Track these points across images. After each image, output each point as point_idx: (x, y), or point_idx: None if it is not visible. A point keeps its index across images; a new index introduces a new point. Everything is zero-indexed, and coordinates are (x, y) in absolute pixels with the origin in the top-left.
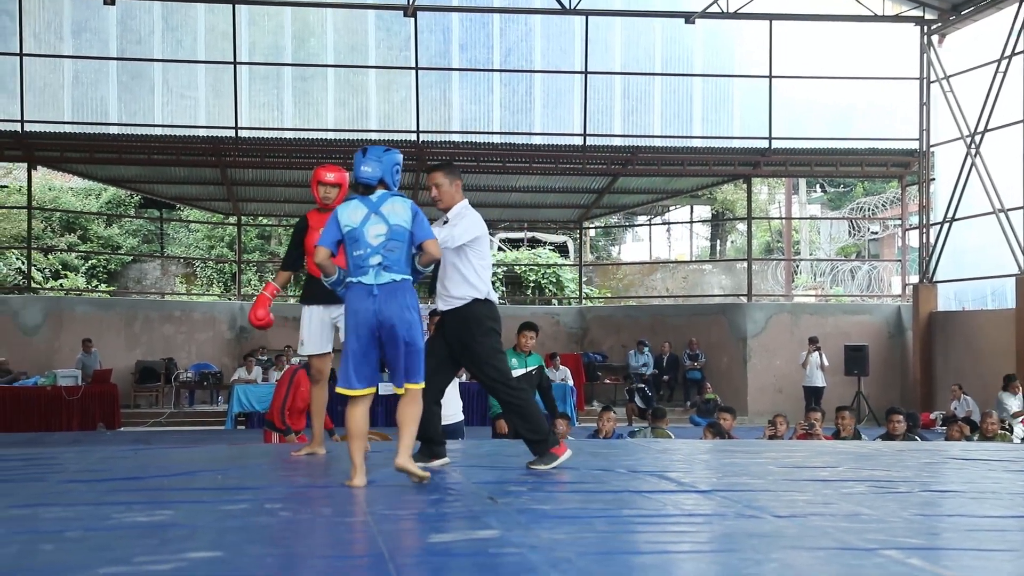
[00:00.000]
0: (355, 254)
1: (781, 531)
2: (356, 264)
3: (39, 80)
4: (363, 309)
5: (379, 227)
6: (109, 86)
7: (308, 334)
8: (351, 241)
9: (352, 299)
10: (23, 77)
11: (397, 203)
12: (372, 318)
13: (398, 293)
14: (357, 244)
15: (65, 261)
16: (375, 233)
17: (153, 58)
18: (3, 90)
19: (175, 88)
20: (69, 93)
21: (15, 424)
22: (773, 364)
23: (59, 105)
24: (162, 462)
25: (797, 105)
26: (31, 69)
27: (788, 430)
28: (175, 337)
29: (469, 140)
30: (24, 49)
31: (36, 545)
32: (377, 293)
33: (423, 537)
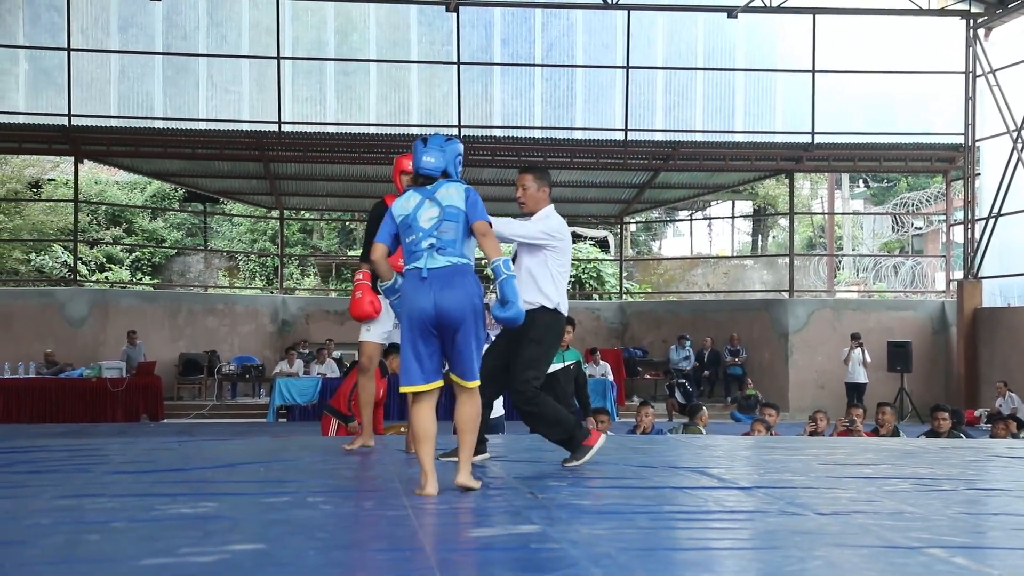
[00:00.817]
0: (408, 240)
1: (824, 528)
2: (409, 251)
3: (86, 75)
4: (415, 295)
5: (432, 211)
6: (155, 81)
7: (372, 322)
8: (404, 229)
9: (405, 286)
10: (71, 72)
11: (451, 187)
12: (425, 303)
13: (454, 277)
14: (410, 230)
15: (110, 254)
16: (427, 216)
17: (198, 53)
18: (51, 84)
19: (219, 83)
20: (115, 88)
21: (61, 415)
22: (815, 360)
23: (106, 99)
24: (205, 454)
25: (840, 99)
26: (78, 64)
27: (828, 426)
28: (218, 330)
29: (510, 135)
30: (72, 44)
31: (82, 536)
32: (427, 276)
33: (464, 531)
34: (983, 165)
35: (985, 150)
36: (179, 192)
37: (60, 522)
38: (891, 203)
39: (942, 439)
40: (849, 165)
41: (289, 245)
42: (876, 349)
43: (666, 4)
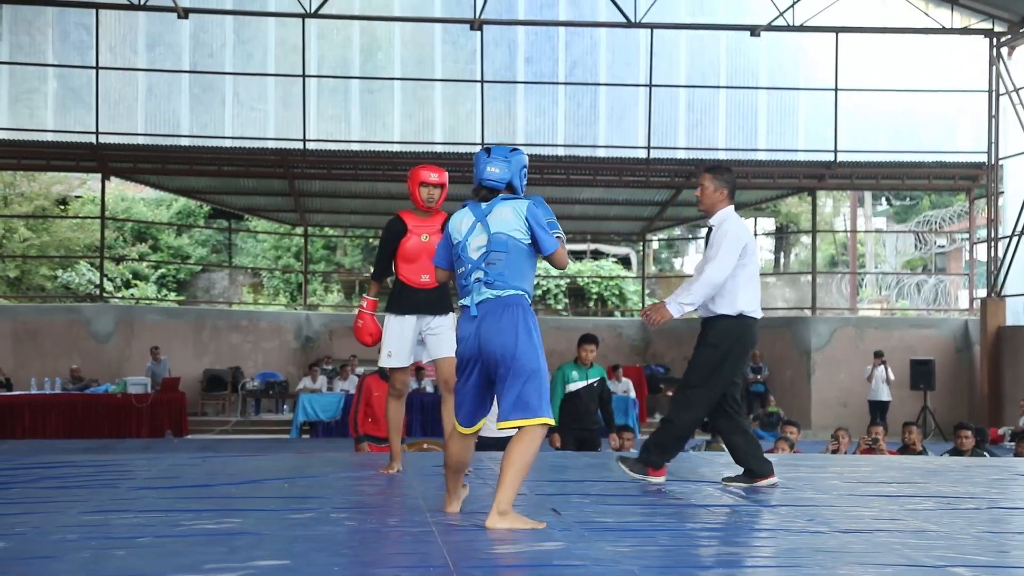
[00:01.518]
0: (459, 272)
1: (847, 546)
2: (460, 284)
3: (114, 93)
4: (464, 334)
5: (480, 238)
6: (181, 98)
7: (393, 346)
8: (455, 258)
9: (457, 325)
10: (98, 90)
11: (506, 207)
12: (473, 343)
13: (500, 311)
14: (460, 261)
15: (136, 270)
16: (476, 245)
17: (224, 71)
18: (79, 102)
19: (245, 101)
20: (143, 105)
21: (86, 430)
22: (837, 378)
23: (133, 117)
24: (230, 470)
25: (863, 117)
26: (106, 82)
27: (851, 444)
28: (242, 346)
29: (533, 153)
30: (100, 62)
31: (108, 551)
32: (476, 314)
33: (488, 548)
34: (1006, 183)
35: (1008, 168)
36: (204, 209)
37: (87, 537)
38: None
39: (966, 457)
40: (872, 183)
41: (313, 262)
42: (899, 367)
43: (689, 23)
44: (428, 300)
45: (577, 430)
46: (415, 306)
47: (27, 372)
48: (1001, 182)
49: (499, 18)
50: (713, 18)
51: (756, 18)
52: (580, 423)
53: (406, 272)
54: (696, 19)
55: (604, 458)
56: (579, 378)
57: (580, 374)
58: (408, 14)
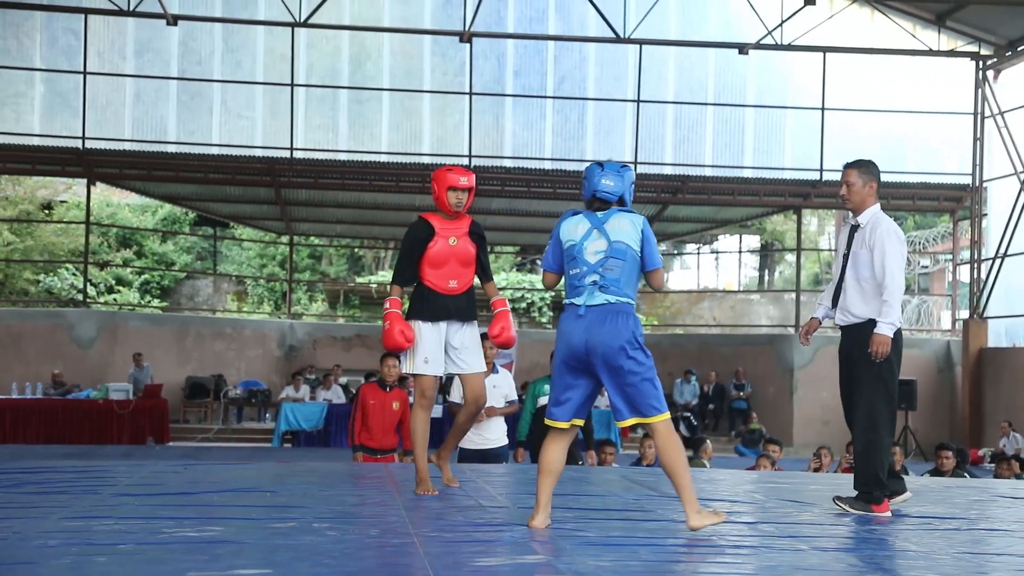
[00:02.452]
0: (571, 273)
1: (827, 565)
2: (571, 284)
3: (101, 98)
4: (570, 331)
5: (599, 243)
6: (169, 105)
7: (429, 352)
8: (569, 259)
9: (562, 321)
10: (86, 95)
11: (624, 218)
12: (579, 342)
13: (614, 316)
14: (575, 262)
15: (119, 276)
16: (594, 250)
17: (212, 78)
18: (66, 107)
19: (233, 108)
20: (130, 111)
21: (67, 436)
22: (820, 396)
23: (120, 123)
24: (211, 478)
25: (849, 137)
26: (94, 87)
27: (833, 463)
28: (225, 354)
29: (521, 166)
30: (88, 67)
31: (90, 557)
32: (584, 314)
33: (470, 561)
34: (990, 205)
35: (993, 191)
36: (190, 216)
37: (68, 543)
38: None
39: (946, 478)
40: None
41: (298, 271)
42: None
43: (678, 40)
44: (458, 307)
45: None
46: (446, 312)
47: (8, 377)
48: (985, 204)
49: (488, 31)
50: (702, 35)
51: (745, 36)
52: None
53: (432, 277)
54: (685, 36)
55: (585, 472)
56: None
57: None
58: (398, 25)
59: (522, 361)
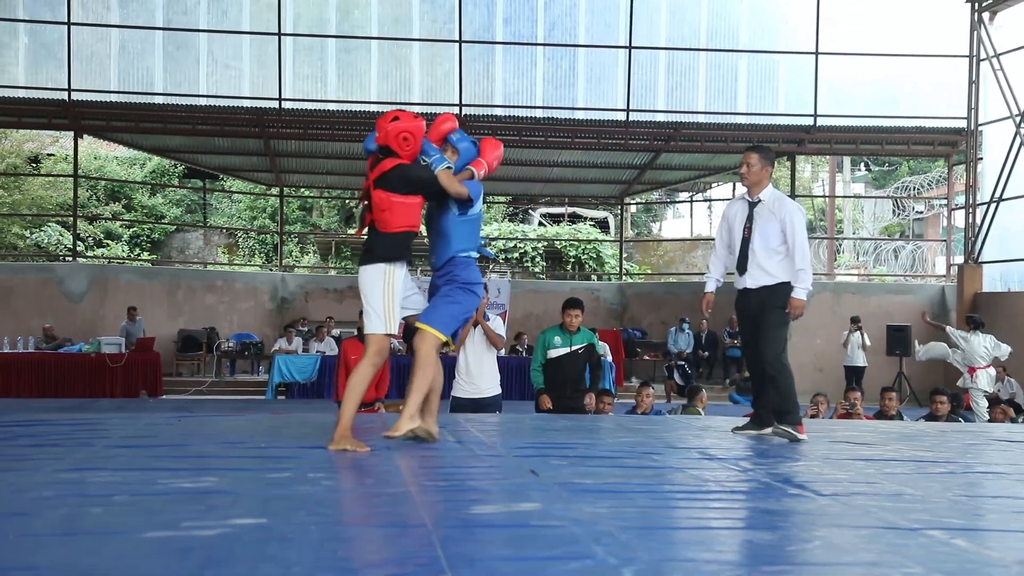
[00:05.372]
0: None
1: (824, 509)
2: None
3: (86, 49)
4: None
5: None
6: (155, 56)
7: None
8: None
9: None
10: (71, 46)
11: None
12: None
13: None
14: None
15: (109, 230)
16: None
17: (198, 28)
18: (51, 58)
19: (220, 59)
20: (116, 62)
21: (60, 390)
22: (814, 343)
23: (106, 74)
24: (205, 430)
25: (843, 82)
26: (78, 38)
27: (828, 409)
28: (217, 307)
29: (512, 114)
30: (72, 18)
31: (85, 508)
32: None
33: (465, 509)
34: (985, 150)
35: (988, 134)
36: (179, 168)
37: (63, 495)
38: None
39: (941, 422)
40: (851, 148)
41: (289, 223)
42: (875, 333)
43: None
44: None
45: (558, 398)
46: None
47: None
48: (980, 148)
49: None
50: None
51: None
52: (562, 390)
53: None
54: None
55: (583, 421)
56: (562, 344)
57: (564, 340)
58: None
59: (515, 311)
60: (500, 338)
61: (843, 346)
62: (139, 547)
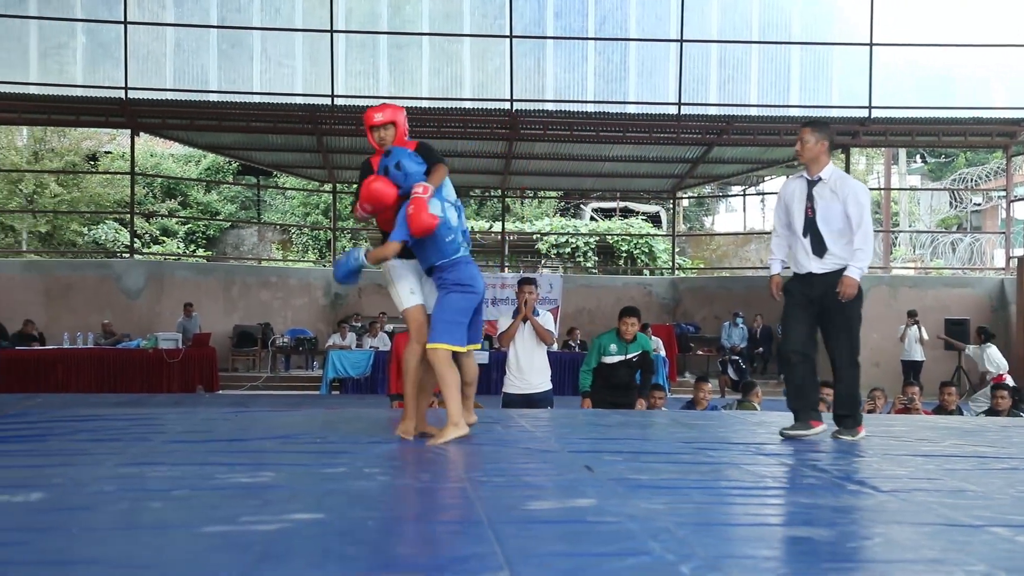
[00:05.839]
0: (448, 238)
1: (883, 506)
2: (456, 239)
3: (142, 48)
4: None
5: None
6: (210, 54)
7: (409, 284)
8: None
9: (471, 267)
10: (127, 45)
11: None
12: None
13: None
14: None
15: (165, 227)
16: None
17: (252, 26)
18: (108, 57)
19: (273, 56)
20: (171, 61)
21: (118, 385)
22: (870, 337)
23: (161, 73)
24: (261, 425)
25: (898, 72)
26: (135, 37)
27: (886, 404)
28: (271, 303)
29: (563, 109)
30: (128, 17)
31: (144, 503)
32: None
33: (521, 504)
34: None
35: None
36: (233, 165)
37: (123, 489)
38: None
39: (1003, 417)
40: (907, 140)
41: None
42: (933, 327)
43: None
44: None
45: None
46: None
47: (59, 327)
48: None
49: None
50: None
51: None
52: (614, 393)
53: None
54: None
55: (637, 416)
56: (618, 352)
57: (619, 348)
58: None
59: (567, 306)
60: (550, 333)
61: (900, 340)
62: (198, 541)
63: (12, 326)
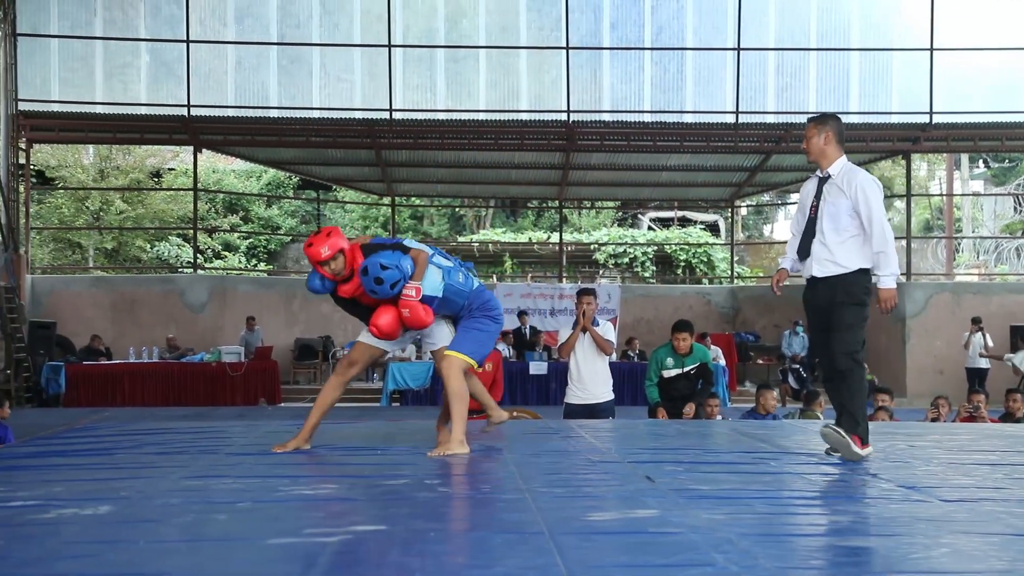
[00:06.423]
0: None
1: (950, 515)
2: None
3: (204, 66)
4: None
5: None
6: (270, 70)
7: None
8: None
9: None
10: (189, 63)
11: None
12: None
13: None
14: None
15: (227, 241)
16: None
17: (311, 42)
18: (171, 75)
19: (332, 71)
20: (232, 78)
21: (183, 398)
22: (933, 345)
23: (223, 90)
24: (323, 437)
25: (960, 77)
26: (197, 55)
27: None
28: (332, 315)
29: (619, 119)
30: (190, 36)
31: (210, 515)
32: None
33: (582, 515)
34: None
35: None
36: (293, 180)
37: (189, 502)
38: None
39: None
40: (969, 145)
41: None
42: (998, 333)
43: None
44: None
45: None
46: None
47: (125, 342)
48: None
49: None
50: None
51: None
52: (674, 405)
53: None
54: None
55: (696, 426)
56: (674, 365)
57: (676, 361)
58: None
59: (626, 316)
60: (609, 343)
61: (964, 348)
62: (263, 553)
63: (80, 341)
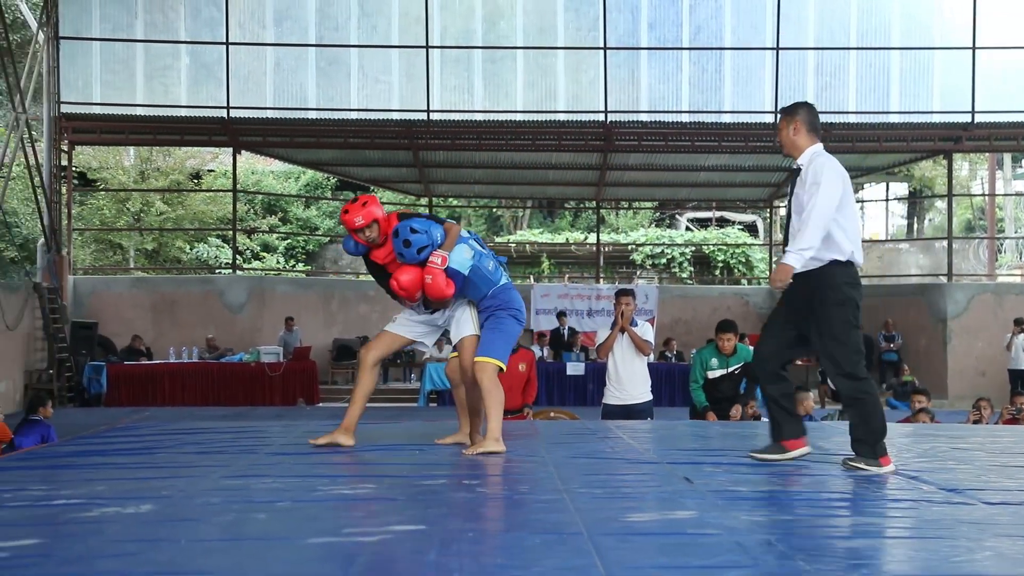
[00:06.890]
0: (490, 265)
1: (993, 518)
2: (496, 267)
3: (243, 68)
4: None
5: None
6: (308, 72)
7: (405, 315)
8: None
9: (515, 291)
10: (229, 65)
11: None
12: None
13: None
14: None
15: (265, 242)
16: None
17: (349, 44)
18: (211, 77)
19: (370, 73)
20: (271, 79)
21: (222, 398)
22: (975, 346)
23: (262, 91)
24: (361, 437)
25: (1002, 75)
26: (236, 57)
27: (993, 415)
28: (370, 316)
29: (657, 119)
30: (230, 38)
31: (250, 514)
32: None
33: (620, 516)
34: None
35: None
36: (331, 181)
37: (229, 501)
38: None
39: None
40: (1012, 144)
41: None
42: None
43: None
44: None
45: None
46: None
47: (166, 342)
48: None
49: None
50: None
51: None
52: (719, 406)
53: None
54: None
55: (735, 427)
56: (719, 366)
57: (720, 362)
58: None
59: (663, 317)
60: (647, 343)
61: (1006, 349)
62: (302, 553)
63: (121, 341)
